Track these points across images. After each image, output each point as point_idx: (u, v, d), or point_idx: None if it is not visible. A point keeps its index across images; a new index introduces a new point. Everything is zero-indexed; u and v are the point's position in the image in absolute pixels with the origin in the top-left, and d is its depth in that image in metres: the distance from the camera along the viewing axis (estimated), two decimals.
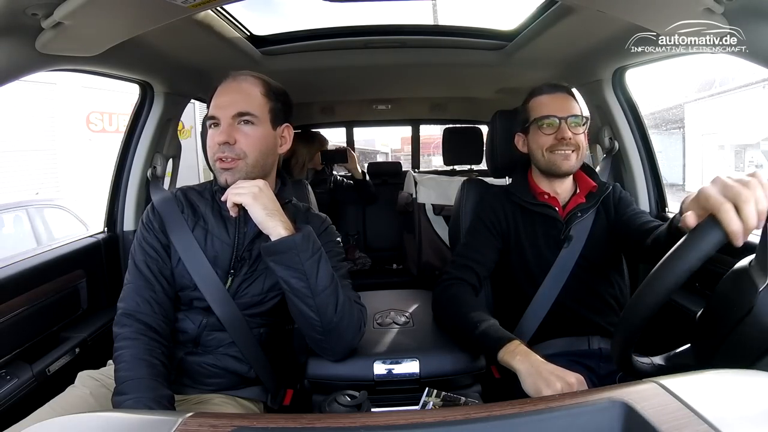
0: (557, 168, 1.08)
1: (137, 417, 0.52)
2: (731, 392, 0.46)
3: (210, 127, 0.91)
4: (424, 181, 2.14)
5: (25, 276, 1.11)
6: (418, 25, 1.59)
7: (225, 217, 0.95)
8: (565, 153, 1.06)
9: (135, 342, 0.84)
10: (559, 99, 1.09)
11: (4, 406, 0.96)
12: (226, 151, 0.88)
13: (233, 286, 0.93)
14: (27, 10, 0.75)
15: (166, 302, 0.91)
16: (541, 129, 1.08)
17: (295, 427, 0.46)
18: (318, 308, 0.83)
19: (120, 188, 1.48)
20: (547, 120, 1.07)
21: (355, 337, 0.90)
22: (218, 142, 0.88)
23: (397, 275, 2.37)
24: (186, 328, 0.93)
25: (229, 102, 0.90)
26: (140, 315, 0.87)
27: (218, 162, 0.89)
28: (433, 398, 0.85)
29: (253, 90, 0.92)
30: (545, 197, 1.12)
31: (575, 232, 1.08)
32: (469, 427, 0.44)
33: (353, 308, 0.89)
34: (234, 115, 0.89)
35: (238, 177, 0.89)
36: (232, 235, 0.94)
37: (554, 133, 1.06)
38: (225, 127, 0.88)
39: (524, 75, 1.74)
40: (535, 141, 1.10)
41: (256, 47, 1.50)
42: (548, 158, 1.08)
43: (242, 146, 0.89)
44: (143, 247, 0.93)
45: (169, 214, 0.95)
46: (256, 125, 0.90)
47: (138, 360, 0.81)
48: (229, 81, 0.93)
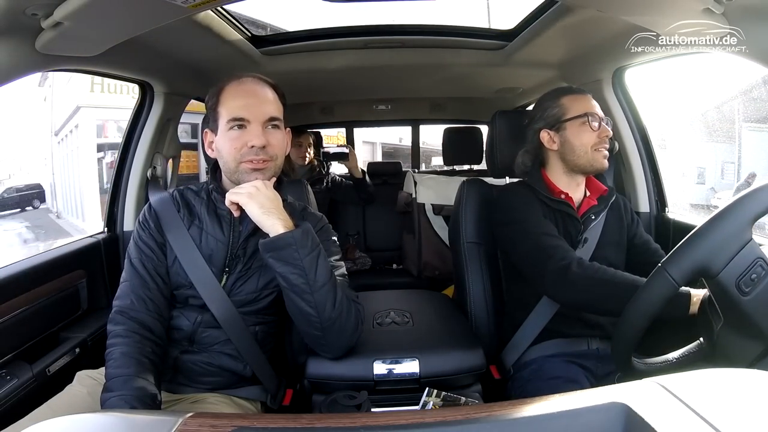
0: (599, 165, 1.08)
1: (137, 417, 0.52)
2: (731, 392, 0.46)
3: (232, 129, 0.90)
4: (424, 181, 2.13)
5: (25, 276, 1.11)
6: (418, 25, 1.58)
7: (220, 215, 0.96)
8: (606, 152, 1.08)
9: (126, 339, 0.84)
10: (592, 100, 1.11)
11: (4, 406, 0.96)
12: (260, 154, 0.89)
13: (228, 283, 0.93)
14: (27, 10, 0.75)
15: (161, 300, 0.92)
16: (588, 125, 1.07)
17: (295, 427, 0.46)
18: (317, 304, 0.83)
19: (120, 188, 1.47)
20: (592, 117, 1.08)
21: (353, 335, 0.90)
22: (255, 146, 0.88)
23: (397, 275, 2.36)
24: (181, 325, 0.93)
25: (259, 104, 0.90)
26: (133, 312, 0.88)
27: (248, 164, 0.89)
28: (433, 398, 0.86)
29: (272, 94, 0.94)
30: (562, 196, 1.11)
31: (589, 234, 1.08)
32: (469, 427, 0.44)
33: (351, 305, 0.89)
34: (267, 120, 0.90)
35: (269, 176, 0.91)
36: (226, 233, 0.95)
37: (598, 131, 1.07)
38: (258, 131, 0.89)
39: (524, 75, 1.74)
40: (578, 137, 1.08)
41: (256, 47, 1.50)
42: (591, 156, 1.08)
43: (274, 149, 0.91)
44: (139, 246, 0.94)
45: (166, 213, 0.96)
46: (280, 129, 0.94)
47: (127, 357, 0.81)
48: (248, 82, 0.93)
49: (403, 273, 2.29)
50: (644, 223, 1.28)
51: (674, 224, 1.39)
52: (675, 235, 1.34)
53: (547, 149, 1.13)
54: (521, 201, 1.10)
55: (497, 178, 1.37)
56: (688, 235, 0.67)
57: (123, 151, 1.48)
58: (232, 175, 0.92)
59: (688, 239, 0.67)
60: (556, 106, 1.12)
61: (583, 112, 1.08)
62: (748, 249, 0.63)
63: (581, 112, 1.08)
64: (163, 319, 0.91)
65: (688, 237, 0.67)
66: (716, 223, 0.65)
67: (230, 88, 0.92)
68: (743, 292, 0.63)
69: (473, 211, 1.24)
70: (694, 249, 0.65)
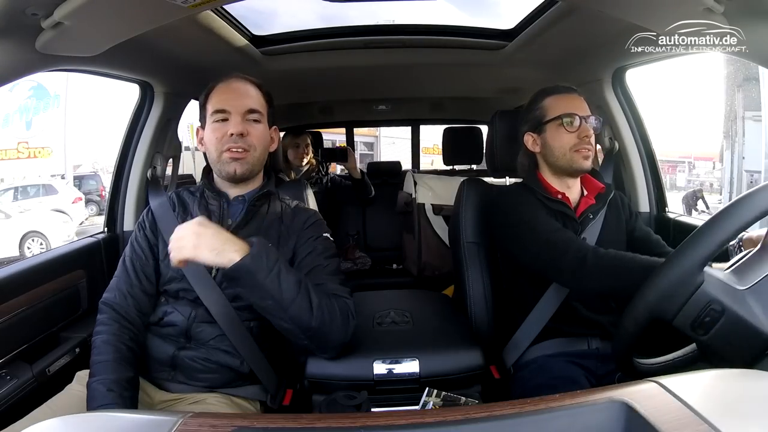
0: (578, 166, 1.07)
1: (136, 417, 0.52)
2: (731, 392, 0.46)
3: (215, 122, 0.96)
4: (424, 181, 2.13)
5: (26, 276, 1.11)
6: (418, 25, 1.58)
7: (210, 210, 1.00)
8: (586, 152, 1.06)
9: (107, 327, 0.91)
10: (575, 99, 1.09)
11: (4, 406, 0.96)
12: (239, 141, 0.94)
13: (218, 276, 0.95)
14: (27, 10, 0.75)
15: (142, 297, 0.97)
16: (564, 127, 1.07)
17: (295, 427, 0.46)
18: (292, 319, 0.83)
19: (120, 188, 1.47)
20: (569, 118, 1.07)
21: (343, 333, 0.89)
22: (233, 133, 0.94)
23: (397, 275, 2.36)
24: (175, 321, 0.94)
25: (239, 98, 0.97)
26: (116, 306, 0.95)
27: (228, 153, 0.95)
28: (433, 398, 0.86)
29: (256, 91, 1.00)
30: (559, 196, 1.11)
31: (587, 233, 1.08)
32: (469, 427, 0.44)
33: (333, 306, 0.87)
34: (246, 111, 0.96)
35: (246, 168, 0.96)
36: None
37: (576, 132, 1.06)
38: (238, 120, 0.95)
39: (524, 75, 1.74)
40: (557, 139, 1.08)
41: (256, 47, 1.50)
42: (570, 157, 1.07)
43: (252, 140, 0.96)
44: (132, 245, 1.01)
45: (163, 214, 1.02)
46: (261, 123, 0.99)
47: (106, 345, 0.88)
48: (232, 81, 1.00)
49: (403, 273, 2.29)
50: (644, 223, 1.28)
51: (674, 224, 1.39)
52: (675, 235, 1.34)
53: (532, 152, 1.14)
54: (524, 201, 1.09)
55: (497, 178, 1.37)
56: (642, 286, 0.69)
57: (123, 151, 1.48)
58: (216, 166, 0.99)
59: (641, 289, 0.69)
60: (538, 108, 1.12)
61: (560, 113, 1.07)
62: (700, 293, 0.63)
63: (558, 114, 1.08)
64: (142, 314, 0.97)
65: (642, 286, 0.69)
66: (665, 272, 0.66)
67: (218, 86, 0.99)
68: (699, 334, 0.64)
69: (473, 211, 1.24)
70: (645, 298, 0.67)
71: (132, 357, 0.90)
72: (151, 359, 0.94)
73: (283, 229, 0.99)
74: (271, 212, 1.01)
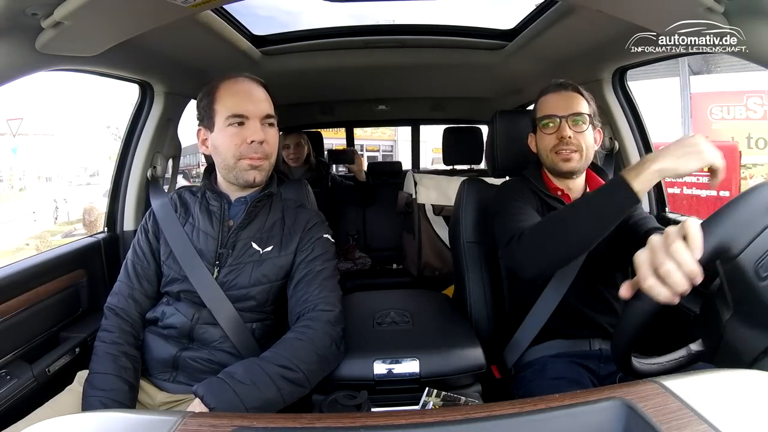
0: (559, 168, 1.07)
1: (137, 417, 0.52)
2: (731, 392, 0.46)
3: (231, 125, 0.93)
4: (424, 181, 2.13)
5: (26, 276, 1.11)
6: (418, 25, 1.58)
7: (211, 211, 1.00)
8: (567, 153, 1.05)
9: (110, 335, 0.92)
10: (563, 97, 1.08)
11: (4, 406, 0.96)
12: (259, 150, 0.93)
13: (220, 276, 0.95)
14: (27, 10, 0.75)
15: (145, 300, 0.99)
16: (543, 129, 1.08)
17: (295, 427, 0.46)
18: (285, 397, 0.82)
19: (120, 188, 1.47)
20: (547, 119, 1.07)
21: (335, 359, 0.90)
22: (253, 141, 0.92)
23: (397, 275, 2.37)
24: (177, 322, 0.94)
25: (256, 102, 0.94)
26: (120, 311, 0.96)
27: (248, 160, 0.93)
28: (433, 398, 0.86)
29: (265, 93, 0.98)
30: (558, 193, 1.11)
31: None
32: (469, 427, 0.44)
33: (312, 354, 0.85)
34: (264, 116, 0.94)
35: (265, 176, 0.97)
36: (216, 228, 0.98)
37: (555, 133, 1.06)
38: (257, 126, 0.93)
39: (524, 75, 1.74)
40: (541, 141, 1.10)
41: (256, 47, 1.50)
42: (552, 158, 1.07)
43: (270, 146, 0.95)
44: (135, 249, 1.02)
45: (165, 215, 1.01)
46: (275, 126, 0.98)
47: (107, 355, 0.89)
48: (242, 81, 0.96)
49: (403, 273, 2.30)
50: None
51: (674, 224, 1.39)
52: None
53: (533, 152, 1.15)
54: (510, 191, 1.09)
55: (497, 178, 1.37)
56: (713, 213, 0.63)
57: (123, 151, 1.47)
58: (230, 172, 0.95)
59: (713, 215, 0.63)
60: (535, 108, 1.13)
61: (544, 114, 1.08)
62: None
63: (541, 115, 1.08)
64: (142, 314, 0.99)
65: (713, 214, 0.63)
66: (746, 197, 0.60)
67: (226, 86, 0.95)
68: (761, 278, 0.59)
69: (473, 211, 1.24)
70: (718, 226, 0.60)
71: (132, 366, 0.90)
72: (152, 359, 0.95)
73: (286, 230, 0.99)
74: (273, 213, 1.02)
